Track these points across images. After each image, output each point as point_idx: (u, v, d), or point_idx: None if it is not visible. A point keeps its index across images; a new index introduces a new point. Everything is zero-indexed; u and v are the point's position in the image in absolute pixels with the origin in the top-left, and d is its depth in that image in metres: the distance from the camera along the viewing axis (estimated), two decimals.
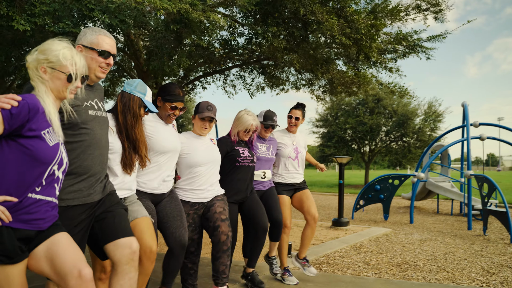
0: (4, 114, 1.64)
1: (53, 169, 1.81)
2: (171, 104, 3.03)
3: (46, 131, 1.77)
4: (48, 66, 1.85)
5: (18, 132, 1.70)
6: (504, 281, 4.36)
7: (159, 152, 2.93)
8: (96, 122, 2.21)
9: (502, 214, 6.90)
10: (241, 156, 3.62)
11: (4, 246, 1.67)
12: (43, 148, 1.75)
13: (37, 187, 1.78)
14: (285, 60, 7.28)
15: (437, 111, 22.33)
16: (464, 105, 9.63)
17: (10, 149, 1.72)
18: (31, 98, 1.73)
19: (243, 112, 3.73)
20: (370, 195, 9.59)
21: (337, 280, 4.28)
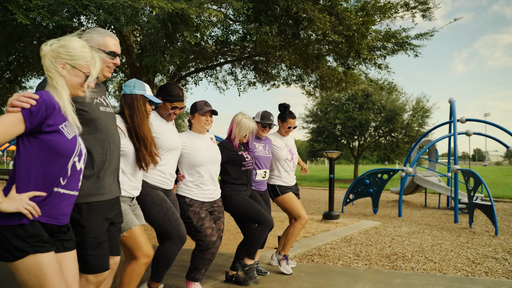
0: (25, 113, 1.71)
1: (74, 161, 1.88)
2: (172, 104, 3.15)
3: (64, 125, 1.84)
4: (68, 63, 1.90)
5: (38, 129, 1.77)
6: (488, 270, 4.54)
7: (167, 150, 3.07)
8: (108, 118, 2.31)
9: (487, 208, 7.11)
10: (246, 161, 3.78)
11: (38, 238, 1.77)
12: (62, 141, 1.82)
13: (62, 180, 1.85)
14: (277, 56, 7.38)
15: (425, 107, 22.65)
16: (451, 101, 9.84)
17: (31, 146, 1.79)
18: (47, 96, 1.80)
19: (240, 116, 3.81)
20: (360, 189, 9.76)
21: (328, 271, 4.42)
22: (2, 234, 1.74)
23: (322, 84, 8.51)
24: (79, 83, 1.94)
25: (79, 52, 1.92)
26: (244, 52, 7.85)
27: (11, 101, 1.72)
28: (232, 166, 3.73)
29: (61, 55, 1.89)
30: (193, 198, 3.33)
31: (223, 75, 9.38)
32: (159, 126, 3.10)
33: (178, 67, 7.35)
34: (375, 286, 3.88)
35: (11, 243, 1.73)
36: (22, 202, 1.73)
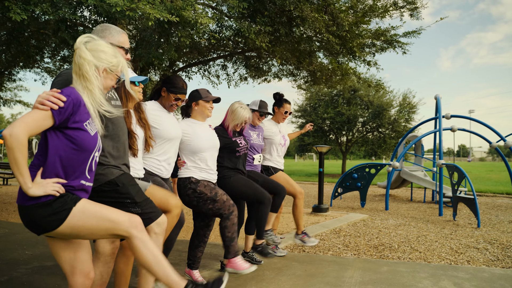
0: (54, 111, 1.87)
1: (95, 155, 2.06)
2: (175, 95, 3.27)
3: (88, 122, 1.99)
4: (109, 68, 2.07)
5: (64, 124, 1.92)
6: (470, 259, 4.78)
7: (166, 140, 3.18)
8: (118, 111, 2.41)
9: (470, 201, 7.38)
10: (240, 146, 3.92)
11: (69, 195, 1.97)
12: (86, 137, 1.97)
13: (87, 174, 2.03)
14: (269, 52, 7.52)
15: (411, 103, 23.03)
16: (436, 98, 10.09)
17: (58, 139, 1.94)
18: (74, 94, 1.94)
19: (237, 105, 3.94)
20: (348, 183, 10.00)
21: (319, 260, 4.61)
22: (33, 212, 1.90)
23: (313, 79, 8.68)
24: (112, 85, 2.12)
25: (115, 58, 2.09)
26: (237, 48, 7.97)
27: (41, 100, 1.85)
28: (226, 152, 3.85)
29: (103, 61, 2.05)
30: (198, 178, 3.47)
31: (216, 69, 9.49)
32: (159, 116, 3.20)
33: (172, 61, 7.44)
34: (364, 273, 4.08)
35: (45, 217, 1.90)
36: (49, 186, 1.89)
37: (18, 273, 3.87)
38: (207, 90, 3.62)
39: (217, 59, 8.68)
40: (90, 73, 2.01)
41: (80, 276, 2.07)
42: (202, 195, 3.39)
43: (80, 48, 2.00)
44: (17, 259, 4.39)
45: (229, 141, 3.87)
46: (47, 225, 1.91)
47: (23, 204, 1.91)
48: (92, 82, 2.01)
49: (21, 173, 1.83)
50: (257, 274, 3.99)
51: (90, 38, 2.06)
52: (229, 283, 3.70)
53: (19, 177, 1.84)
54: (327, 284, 3.72)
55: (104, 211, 2.00)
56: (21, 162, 1.81)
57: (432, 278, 3.96)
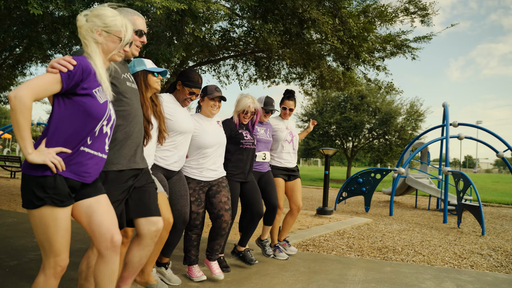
0: (63, 75, 1.89)
1: (102, 124, 2.05)
2: (190, 89, 3.31)
3: (97, 89, 2.00)
4: (104, 30, 2.07)
5: (73, 91, 1.94)
6: (474, 264, 4.79)
7: (178, 132, 3.21)
8: (133, 93, 2.45)
9: (475, 209, 7.38)
10: (245, 139, 3.92)
11: (57, 191, 1.92)
12: (94, 104, 1.98)
13: (89, 140, 2.01)
14: (279, 54, 7.57)
15: (418, 111, 22.98)
16: (444, 105, 10.11)
17: (66, 106, 1.96)
18: (84, 61, 1.97)
19: (240, 96, 4.02)
20: (353, 188, 10.01)
21: (323, 259, 4.64)
22: (27, 182, 1.91)
23: (321, 83, 8.73)
24: (115, 48, 2.11)
25: (112, 19, 2.09)
26: (247, 48, 8.04)
27: (52, 63, 1.89)
28: (230, 144, 3.86)
29: (97, 23, 2.06)
30: (189, 177, 3.50)
31: (226, 69, 9.57)
32: (174, 108, 3.24)
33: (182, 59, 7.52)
34: (367, 272, 4.11)
35: (33, 192, 1.89)
36: (49, 156, 1.88)
37: (27, 258, 3.94)
38: (215, 87, 3.63)
39: (227, 58, 8.75)
40: (87, 37, 2.02)
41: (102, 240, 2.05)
42: None
43: (78, 19, 2.04)
44: (25, 245, 4.46)
45: (234, 132, 3.88)
46: (25, 201, 1.91)
47: (23, 172, 1.92)
48: (88, 46, 2.02)
49: (22, 137, 1.81)
50: (261, 269, 4.03)
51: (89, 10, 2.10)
52: (234, 276, 3.75)
53: (20, 141, 1.81)
54: (331, 281, 3.76)
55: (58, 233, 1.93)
56: (23, 125, 1.79)
57: (435, 279, 3.98)
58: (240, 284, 3.53)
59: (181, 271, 3.78)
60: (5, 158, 14.96)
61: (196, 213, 3.52)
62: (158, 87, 2.90)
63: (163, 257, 3.44)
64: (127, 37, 2.14)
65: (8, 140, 42.30)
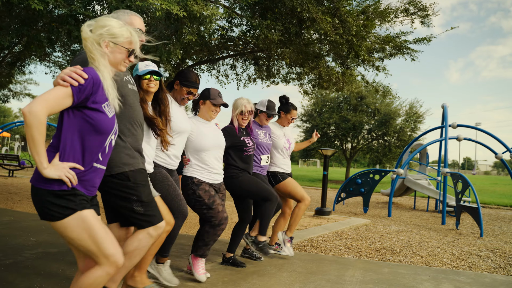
0: (74, 89, 1.86)
1: (111, 138, 2.05)
2: (188, 89, 3.31)
3: (106, 103, 1.99)
4: (111, 41, 2.04)
5: (84, 104, 1.92)
6: (472, 266, 4.77)
7: (176, 132, 3.21)
8: (135, 96, 2.47)
9: (473, 210, 7.36)
10: (248, 146, 3.96)
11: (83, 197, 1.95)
12: (103, 119, 1.97)
13: (100, 157, 2.01)
14: (278, 53, 7.56)
15: (418, 112, 22.99)
16: (443, 107, 10.10)
17: (76, 119, 1.93)
18: (94, 73, 1.94)
19: (234, 100, 4.07)
20: (352, 188, 10.00)
21: (321, 259, 4.62)
22: (44, 196, 1.89)
23: (320, 83, 8.72)
24: (122, 59, 2.09)
25: (118, 30, 2.06)
26: (247, 48, 8.03)
27: (63, 76, 1.85)
28: (235, 151, 3.92)
29: (104, 35, 2.02)
30: (201, 179, 3.50)
31: (225, 69, 9.55)
32: (171, 108, 3.23)
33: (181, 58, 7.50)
34: (365, 273, 4.09)
35: (57, 204, 1.88)
36: (64, 171, 1.88)
37: (23, 257, 3.92)
38: (218, 92, 3.64)
39: (226, 58, 8.73)
40: (93, 51, 1.99)
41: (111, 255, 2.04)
42: (200, 200, 3.44)
43: (83, 31, 2.00)
44: (22, 244, 4.44)
45: (237, 140, 3.91)
46: (47, 214, 1.90)
47: (35, 185, 1.90)
48: (95, 59, 1.99)
49: (37, 152, 1.80)
50: (258, 269, 4.01)
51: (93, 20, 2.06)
52: (231, 276, 3.73)
53: (35, 156, 1.81)
54: (328, 281, 3.74)
55: (100, 233, 1.95)
56: (38, 140, 1.79)
57: (433, 280, 3.96)
58: (237, 284, 3.51)
59: (177, 269, 3.76)
60: (3, 157, 14.92)
61: (221, 205, 3.52)
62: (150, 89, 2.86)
63: (161, 257, 3.40)
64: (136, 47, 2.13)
65: (7, 139, 42.25)
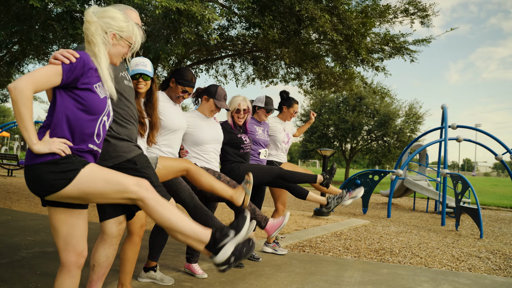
0: (64, 67, 1.85)
1: (103, 120, 2.02)
2: (183, 87, 3.27)
3: (98, 84, 1.97)
4: (118, 34, 2.04)
5: (74, 84, 1.91)
6: (472, 267, 4.74)
7: (170, 130, 3.17)
8: (130, 92, 2.45)
9: (473, 211, 7.33)
10: (245, 144, 3.93)
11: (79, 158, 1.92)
12: (95, 99, 1.95)
13: (96, 139, 2.00)
14: (277, 53, 7.53)
15: (417, 113, 22.97)
16: (443, 107, 10.07)
17: (67, 99, 1.92)
18: (86, 56, 1.94)
19: (233, 96, 4.05)
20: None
21: (319, 260, 4.59)
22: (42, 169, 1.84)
23: (319, 82, 8.69)
24: (124, 52, 2.08)
25: (125, 24, 2.06)
26: (245, 48, 8.00)
27: (55, 54, 1.86)
28: (231, 148, 3.87)
29: (112, 26, 2.02)
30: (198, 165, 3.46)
31: (223, 68, 9.52)
32: (165, 107, 3.19)
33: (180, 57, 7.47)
34: (364, 274, 4.06)
35: (57, 171, 1.84)
36: (55, 144, 1.85)
37: (19, 256, 3.88)
38: (225, 95, 3.62)
39: (225, 57, 8.71)
40: (96, 35, 1.97)
41: (72, 253, 2.01)
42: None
43: (87, 14, 1.98)
44: (18, 243, 4.40)
45: (234, 137, 3.88)
46: (53, 185, 1.84)
47: (28, 163, 1.86)
48: (96, 45, 1.97)
49: (25, 128, 1.78)
50: (256, 270, 3.98)
51: (99, 8, 2.04)
52: (228, 276, 3.70)
53: (24, 132, 1.78)
54: (326, 282, 3.71)
55: (112, 174, 1.94)
56: (25, 116, 1.76)
57: (433, 282, 3.93)
58: (235, 285, 3.47)
59: (173, 270, 3.72)
60: (2, 156, 14.89)
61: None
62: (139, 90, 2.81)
63: (150, 261, 3.38)
64: (138, 44, 2.12)
65: (7, 139, 42.21)
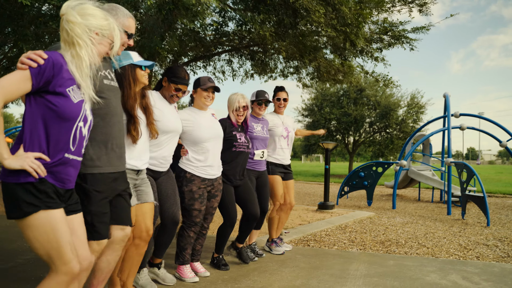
0: (32, 71, 1.73)
1: (79, 126, 1.89)
2: (176, 85, 3.14)
3: (71, 88, 1.85)
4: (100, 32, 1.94)
5: (45, 89, 1.78)
6: (480, 255, 4.65)
7: (162, 131, 2.99)
8: (111, 91, 2.29)
9: (479, 199, 7.22)
10: (238, 142, 3.76)
11: (48, 194, 1.79)
12: (68, 105, 1.82)
13: (72, 147, 1.87)
14: (274, 47, 7.43)
15: (419, 103, 22.80)
16: (445, 96, 9.95)
17: (38, 106, 1.80)
18: (55, 55, 1.81)
19: (231, 94, 3.92)
20: (355, 182, 9.86)
21: (324, 253, 4.51)
22: (11, 190, 1.76)
23: (318, 75, 8.58)
24: (105, 52, 1.98)
25: (106, 22, 1.96)
26: (242, 42, 7.90)
27: (21, 58, 1.74)
28: (224, 146, 3.66)
29: (93, 24, 1.91)
30: (194, 174, 3.38)
31: (221, 65, 9.43)
32: (159, 108, 3.05)
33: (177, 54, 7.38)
34: (369, 266, 3.97)
35: (22, 199, 1.74)
36: (27, 160, 1.74)
37: (15, 263, 3.82)
38: (208, 78, 3.50)
39: (222, 53, 8.60)
40: (83, 37, 1.87)
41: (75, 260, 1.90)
42: (182, 196, 3.35)
43: (68, 13, 1.86)
44: (16, 249, 4.34)
45: (228, 133, 3.73)
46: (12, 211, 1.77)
47: (4, 180, 1.77)
48: (82, 47, 1.86)
49: None
50: (259, 266, 3.90)
51: (77, 2, 1.92)
52: (231, 274, 3.62)
53: None
54: (332, 276, 3.62)
55: (63, 237, 1.79)
56: None
57: (440, 272, 3.84)
58: (237, 282, 3.40)
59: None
60: None
61: (198, 210, 3.40)
62: (146, 81, 2.77)
63: (155, 258, 3.32)
64: (117, 42, 2.03)
65: (10, 144, 42.35)
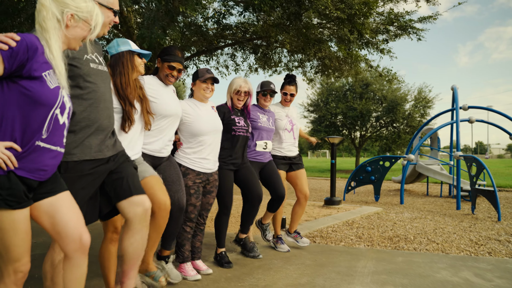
0: (3, 53, 1.62)
1: (55, 113, 1.78)
2: (168, 63, 3.05)
3: (47, 72, 1.74)
4: (76, 15, 1.82)
5: (19, 73, 1.67)
6: (492, 251, 4.50)
7: (162, 116, 2.95)
8: (99, 76, 2.20)
9: (490, 193, 7.05)
10: (237, 125, 3.64)
11: (12, 191, 1.67)
12: (43, 90, 1.71)
13: (44, 134, 1.75)
14: (278, 40, 7.29)
15: (427, 97, 22.54)
16: (453, 89, 9.75)
17: (11, 92, 1.68)
18: (29, 37, 1.70)
19: (234, 78, 3.81)
20: (361, 177, 9.71)
21: (330, 250, 4.38)
22: None
23: (323, 68, 8.43)
24: (83, 36, 1.87)
25: (84, 4, 1.84)
26: (245, 36, 7.77)
27: None
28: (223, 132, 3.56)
29: (70, 6, 1.80)
30: (189, 167, 3.27)
31: (224, 59, 9.30)
32: (157, 90, 3.00)
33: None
34: (378, 263, 3.85)
35: None
36: None
37: None
38: (206, 70, 3.41)
39: (225, 47, 8.47)
40: (47, 20, 1.75)
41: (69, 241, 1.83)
42: None
43: None
44: None
45: (227, 115, 3.63)
46: None
47: None
48: (48, 30, 1.75)
49: None
50: (264, 263, 3.79)
51: None
52: (235, 271, 3.51)
53: None
54: (338, 273, 3.50)
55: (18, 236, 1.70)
56: None
57: (451, 268, 3.71)
58: (241, 280, 3.29)
59: None
60: None
61: (193, 205, 3.29)
62: (142, 71, 2.72)
63: (163, 249, 3.23)
64: (98, 27, 1.90)
65: None
